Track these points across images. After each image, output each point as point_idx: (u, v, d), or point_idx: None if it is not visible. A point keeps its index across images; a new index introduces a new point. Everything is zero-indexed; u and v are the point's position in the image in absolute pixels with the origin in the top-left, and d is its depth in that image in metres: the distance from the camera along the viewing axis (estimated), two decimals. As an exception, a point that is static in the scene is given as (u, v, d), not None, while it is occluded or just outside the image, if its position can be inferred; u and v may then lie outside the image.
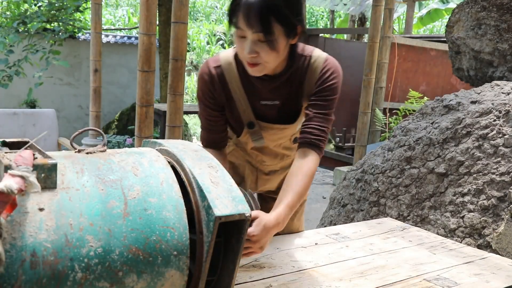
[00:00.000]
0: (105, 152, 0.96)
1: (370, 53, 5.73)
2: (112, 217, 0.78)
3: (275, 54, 1.49)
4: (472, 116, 2.51)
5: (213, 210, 0.97)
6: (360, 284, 1.49)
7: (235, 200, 1.02)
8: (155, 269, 0.81)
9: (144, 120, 3.47)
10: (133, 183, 0.87)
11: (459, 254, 1.81)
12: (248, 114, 1.71)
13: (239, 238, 1.05)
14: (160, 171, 0.95)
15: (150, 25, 3.35)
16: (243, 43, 1.48)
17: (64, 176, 0.82)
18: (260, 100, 1.69)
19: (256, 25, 1.42)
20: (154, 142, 1.17)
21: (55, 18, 7.20)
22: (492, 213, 2.27)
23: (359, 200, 2.92)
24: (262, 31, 1.42)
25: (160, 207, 0.85)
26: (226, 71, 1.67)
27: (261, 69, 1.53)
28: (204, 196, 1.00)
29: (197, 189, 1.02)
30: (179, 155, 1.08)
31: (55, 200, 0.76)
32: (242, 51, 1.51)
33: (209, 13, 19.12)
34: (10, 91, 7.88)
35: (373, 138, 6.28)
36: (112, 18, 16.51)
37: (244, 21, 1.43)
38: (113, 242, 0.76)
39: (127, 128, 8.31)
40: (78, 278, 0.73)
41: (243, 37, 1.48)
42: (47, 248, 0.72)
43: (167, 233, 0.83)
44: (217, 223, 0.95)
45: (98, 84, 5.72)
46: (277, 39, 1.46)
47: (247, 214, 1.01)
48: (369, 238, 1.93)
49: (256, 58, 1.49)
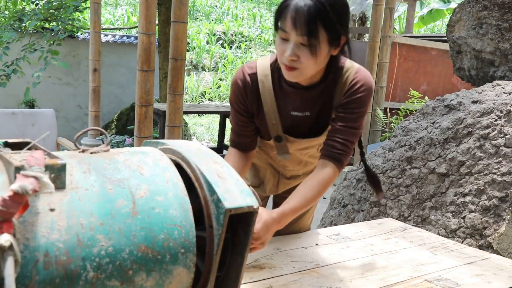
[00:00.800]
0: (108, 152, 0.96)
1: (371, 52, 5.73)
2: (121, 216, 0.78)
3: (314, 60, 1.49)
4: (473, 116, 2.52)
5: (223, 203, 0.99)
6: (361, 284, 1.49)
7: (243, 193, 1.04)
8: (163, 267, 0.82)
9: (143, 120, 3.47)
10: (139, 182, 0.88)
11: (460, 255, 1.82)
12: (277, 128, 1.71)
13: (247, 231, 1.07)
14: (164, 170, 0.95)
15: (150, 24, 3.36)
16: (285, 46, 1.49)
17: (72, 176, 0.83)
18: (292, 110, 1.68)
19: (302, 28, 1.43)
20: (156, 142, 1.17)
21: (54, 17, 7.20)
22: (493, 213, 2.27)
23: (359, 201, 2.92)
24: (307, 34, 1.43)
25: (167, 205, 0.86)
26: (261, 79, 1.67)
27: (298, 74, 1.53)
28: (213, 190, 1.02)
29: (205, 184, 1.04)
30: (184, 153, 1.08)
31: (65, 200, 0.76)
32: (282, 54, 1.51)
33: (209, 13, 19.12)
34: (8, 91, 7.87)
35: (373, 138, 6.29)
36: (112, 18, 16.50)
37: (291, 23, 1.44)
38: (123, 241, 0.77)
39: (126, 128, 8.31)
40: (90, 278, 0.74)
41: (286, 40, 1.48)
42: (59, 248, 0.72)
43: (174, 231, 0.84)
44: (227, 215, 0.98)
45: (97, 84, 5.72)
46: (319, 45, 1.46)
47: (255, 207, 1.03)
48: (370, 239, 1.94)
49: (295, 62, 1.49)
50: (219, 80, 15.50)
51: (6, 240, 0.67)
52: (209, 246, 1.01)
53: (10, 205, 0.69)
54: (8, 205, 0.68)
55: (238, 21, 18.57)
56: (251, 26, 18.59)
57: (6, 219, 0.69)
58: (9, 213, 0.69)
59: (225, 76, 15.57)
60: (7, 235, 0.68)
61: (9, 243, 0.67)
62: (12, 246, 0.68)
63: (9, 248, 0.68)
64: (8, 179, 0.78)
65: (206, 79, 15.59)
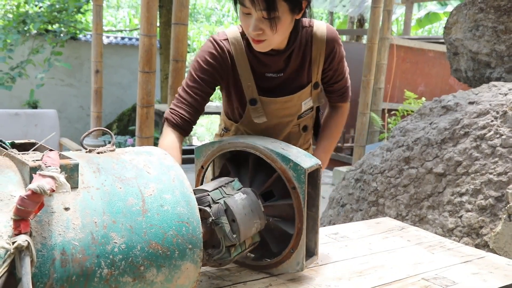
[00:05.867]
0: (114, 152, 0.99)
1: (369, 54, 5.76)
2: (132, 214, 0.82)
3: (280, 31, 1.53)
4: (470, 116, 2.54)
5: (301, 165, 1.32)
6: (359, 283, 1.51)
7: (307, 156, 1.35)
8: (172, 263, 0.85)
9: (145, 121, 3.50)
10: (147, 181, 0.91)
11: (457, 254, 1.83)
12: (251, 90, 1.72)
13: (316, 184, 1.41)
14: (170, 168, 0.98)
15: (151, 26, 3.39)
16: (248, 20, 1.53)
17: (83, 176, 0.85)
18: (266, 72, 1.72)
19: (260, 3, 1.45)
20: (212, 143, 1.47)
21: (57, 19, 7.23)
22: (489, 212, 2.30)
23: (358, 200, 2.95)
24: (266, 9, 1.46)
25: (174, 203, 0.89)
26: (233, 43, 1.70)
27: (266, 45, 1.58)
28: (287, 160, 1.34)
29: (278, 157, 1.37)
30: (248, 140, 1.43)
31: (79, 200, 0.79)
32: (247, 28, 1.55)
33: (209, 15, 19.13)
34: (12, 92, 7.90)
35: (372, 138, 6.31)
36: (113, 20, 16.51)
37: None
38: (134, 238, 0.80)
39: (128, 129, 8.33)
40: (104, 274, 0.76)
41: (248, 14, 1.52)
42: (75, 246, 0.75)
43: (182, 228, 0.88)
44: (306, 173, 1.25)
45: (99, 85, 5.75)
46: (281, 16, 1.49)
47: (320, 164, 1.38)
48: (368, 238, 1.95)
49: (261, 35, 1.53)
50: (219, 80, 15.47)
51: (24, 240, 0.70)
52: (297, 202, 1.36)
53: (28, 204, 0.71)
54: (26, 204, 0.71)
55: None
56: (251, 27, 18.54)
57: (23, 218, 0.72)
58: (27, 212, 0.72)
59: (225, 77, 15.53)
60: (25, 235, 0.71)
61: (27, 243, 0.70)
62: (29, 245, 0.70)
63: (26, 248, 0.70)
64: (22, 179, 0.80)
65: (206, 80, 15.56)
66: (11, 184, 0.77)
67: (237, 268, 1.56)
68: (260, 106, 1.74)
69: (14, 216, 0.71)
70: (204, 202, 1.30)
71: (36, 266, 0.71)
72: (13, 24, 7.09)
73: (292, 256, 1.47)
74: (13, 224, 0.71)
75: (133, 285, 0.80)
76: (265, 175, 1.47)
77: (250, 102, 1.74)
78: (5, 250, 0.69)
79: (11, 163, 0.83)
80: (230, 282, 1.44)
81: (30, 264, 0.69)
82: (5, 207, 0.73)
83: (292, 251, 1.47)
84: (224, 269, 1.55)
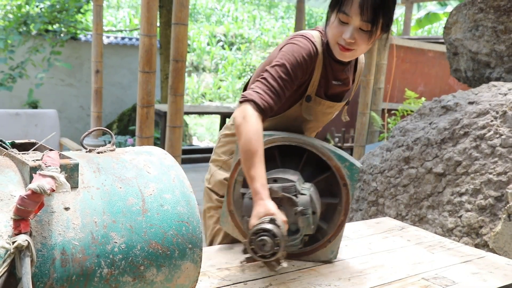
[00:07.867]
0: (114, 152, 0.99)
1: (369, 54, 5.74)
2: (132, 214, 0.82)
3: (369, 44, 1.62)
4: (469, 116, 2.55)
5: (356, 165, 1.54)
6: (359, 282, 1.52)
7: (353, 157, 1.49)
8: (172, 262, 0.85)
9: (145, 121, 3.50)
10: (147, 181, 0.91)
11: (457, 253, 1.84)
12: (313, 89, 1.75)
13: (352, 184, 1.59)
14: (170, 168, 0.98)
15: (151, 26, 3.39)
16: (343, 28, 1.59)
17: (83, 175, 0.85)
18: (333, 80, 1.78)
19: (369, 15, 1.54)
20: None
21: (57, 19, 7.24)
22: (489, 212, 2.31)
23: (358, 200, 2.96)
24: (370, 21, 1.55)
25: (174, 202, 0.89)
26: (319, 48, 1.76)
27: (352, 54, 1.66)
28: (344, 159, 1.55)
29: (335, 155, 1.56)
30: (301, 137, 1.60)
31: (79, 199, 0.79)
32: (339, 35, 1.61)
33: (210, 15, 19.13)
34: (12, 92, 7.90)
35: (371, 138, 6.31)
36: (113, 20, 16.50)
37: (358, 9, 1.54)
38: (134, 238, 0.80)
39: (128, 129, 8.34)
40: (104, 274, 0.76)
41: (345, 23, 1.59)
42: (75, 246, 0.75)
43: (182, 227, 0.88)
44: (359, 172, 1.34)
45: (99, 85, 5.75)
46: (377, 31, 1.59)
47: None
48: (368, 238, 1.96)
49: (353, 44, 1.60)
50: (219, 81, 15.52)
51: (24, 239, 0.70)
52: (345, 197, 1.58)
53: (28, 203, 0.71)
54: (26, 204, 0.71)
55: (238, 23, 18.57)
56: (251, 28, 18.59)
57: (23, 217, 0.72)
58: (27, 211, 0.72)
59: (225, 77, 15.59)
60: (25, 235, 0.71)
61: (27, 242, 0.70)
62: (29, 245, 0.70)
63: (26, 248, 0.70)
64: (22, 179, 0.80)
65: (207, 80, 15.62)
66: (11, 184, 0.77)
67: (237, 268, 1.56)
68: (312, 104, 1.79)
69: (14, 216, 0.71)
70: (291, 191, 1.46)
71: (36, 266, 0.71)
72: (14, 25, 7.10)
73: (328, 245, 1.66)
74: (13, 224, 0.71)
75: (133, 284, 0.80)
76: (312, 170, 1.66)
77: (306, 99, 1.77)
78: (5, 250, 0.69)
79: (11, 163, 0.83)
80: (230, 282, 1.45)
81: (30, 264, 0.69)
82: (5, 206, 0.73)
83: (329, 241, 1.65)
84: (225, 269, 1.55)
